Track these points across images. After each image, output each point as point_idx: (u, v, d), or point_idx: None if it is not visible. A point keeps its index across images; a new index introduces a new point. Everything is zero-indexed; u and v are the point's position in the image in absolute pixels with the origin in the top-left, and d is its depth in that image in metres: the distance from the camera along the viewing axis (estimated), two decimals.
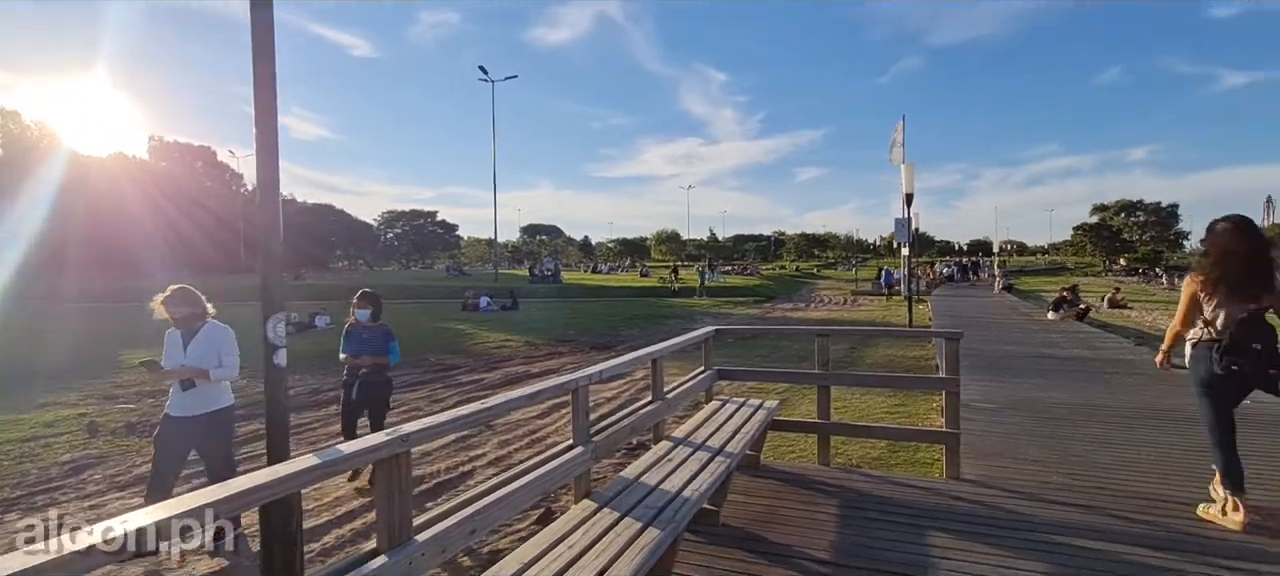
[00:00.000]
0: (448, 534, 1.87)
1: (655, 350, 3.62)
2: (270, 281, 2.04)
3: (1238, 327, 3.12)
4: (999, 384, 7.01)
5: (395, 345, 5.07)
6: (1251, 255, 3.14)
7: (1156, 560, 2.90)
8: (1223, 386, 3.20)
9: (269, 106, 1.97)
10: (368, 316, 4.96)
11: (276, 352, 2.00)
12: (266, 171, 1.99)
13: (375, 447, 1.64)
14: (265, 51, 1.95)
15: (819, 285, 42.50)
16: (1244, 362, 3.09)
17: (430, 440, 2.08)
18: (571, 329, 16.99)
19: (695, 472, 2.97)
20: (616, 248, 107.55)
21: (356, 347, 4.91)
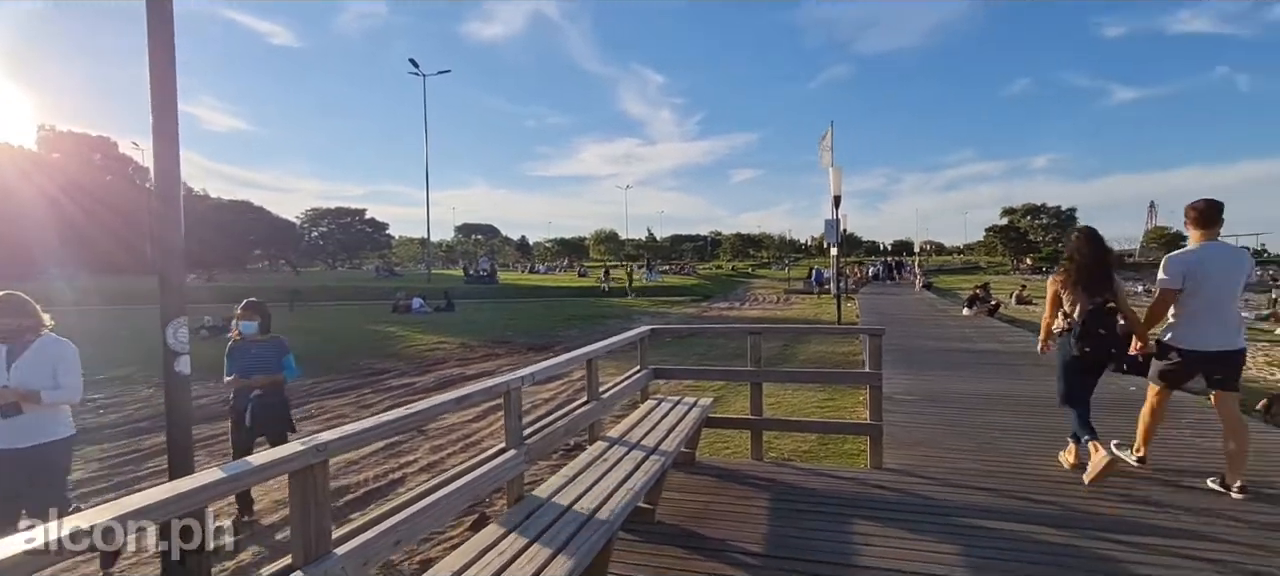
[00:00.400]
0: (370, 545, 1.79)
1: (590, 350, 3.61)
2: (170, 282, 1.89)
3: (1088, 317, 3.79)
4: (919, 377, 7.39)
5: (290, 359, 4.50)
6: (1096, 260, 3.84)
7: (1056, 537, 3.13)
8: (1078, 365, 3.90)
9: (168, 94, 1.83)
10: (255, 329, 4.35)
11: (178, 359, 1.86)
12: (165, 161, 1.85)
13: (289, 458, 1.55)
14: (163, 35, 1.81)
15: (754, 284, 43.54)
16: (1094, 345, 3.77)
17: (351, 449, 1.99)
18: (508, 330, 16.70)
19: (630, 472, 2.98)
20: (554, 247, 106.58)
21: (245, 366, 4.28)
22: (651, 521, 3.31)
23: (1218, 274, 3.66)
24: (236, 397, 4.30)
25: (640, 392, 4.59)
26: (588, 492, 2.67)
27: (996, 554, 2.97)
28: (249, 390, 4.24)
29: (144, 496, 1.34)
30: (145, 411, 7.57)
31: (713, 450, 5.44)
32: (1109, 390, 4.46)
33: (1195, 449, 4.50)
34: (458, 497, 2.17)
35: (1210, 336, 3.66)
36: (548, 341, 14.31)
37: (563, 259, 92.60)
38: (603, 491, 2.68)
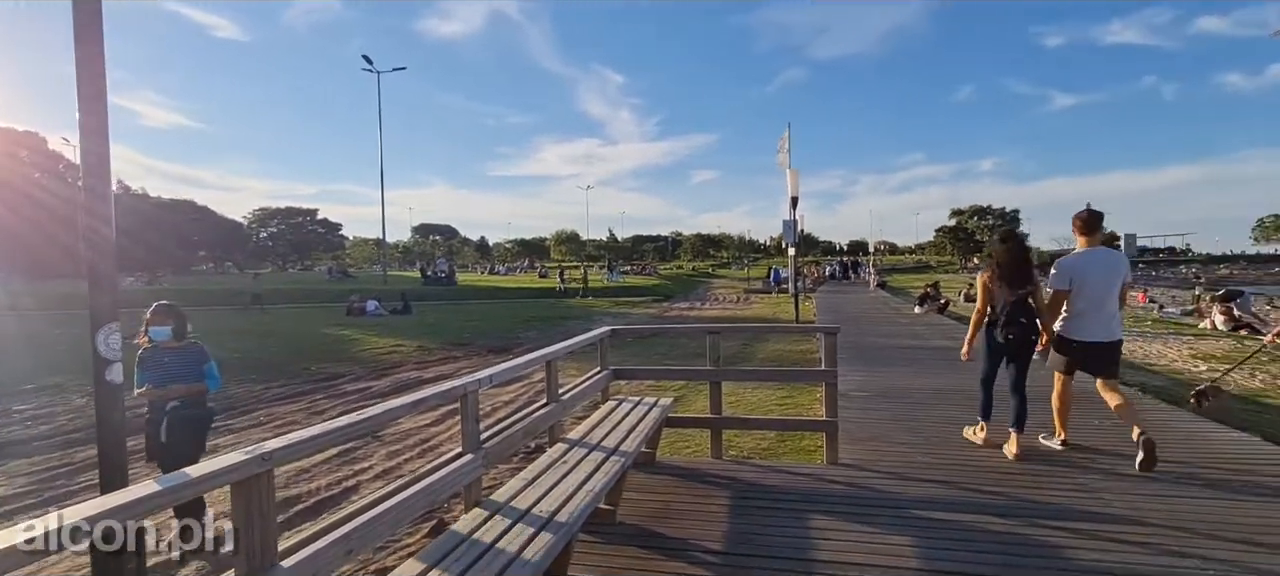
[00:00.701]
0: (320, 556, 1.74)
1: (550, 352, 3.58)
2: (102, 284, 1.79)
3: (1011, 308, 4.26)
4: (873, 374, 7.59)
5: (212, 367, 4.03)
6: (1018, 258, 4.34)
7: (1001, 526, 3.26)
8: (1001, 351, 4.39)
9: (96, 85, 1.73)
10: (169, 334, 3.86)
11: (109, 367, 1.76)
12: (94, 156, 1.75)
13: (231, 468, 1.49)
14: (90, 23, 1.72)
15: (714, 284, 44.00)
16: (1016, 332, 4.27)
17: (298, 457, 1.92)
18: (467, 332, 16.44)
19: (590, 473, 2.97)
20: (515, 248, 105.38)
21: (159, 376, 3.80)
22: (612, 522, 3.30)
23: (1098, 276, 4.15)
24: (151, 410, 3.90)
25: (601, 393, 4.58)
26: (547, 495, 2.65)
27: (946, 544, 3.07)
28: (165, 402, 3.79)
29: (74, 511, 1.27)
30: (79, 422, 7.17)
31: (674, 449, 5.47)
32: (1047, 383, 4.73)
33: (1127, 438, 4.74)
34: (412, 504, 2.12)
35: (1094, 330, 4.17)
36: (508, 343, 14.15)
37: (523, 260, 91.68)
38: (562, 493, 2.67)
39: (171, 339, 3.89)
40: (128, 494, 1.35)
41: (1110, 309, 4.19)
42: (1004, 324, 4.28)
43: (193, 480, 1.43)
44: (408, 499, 2.09)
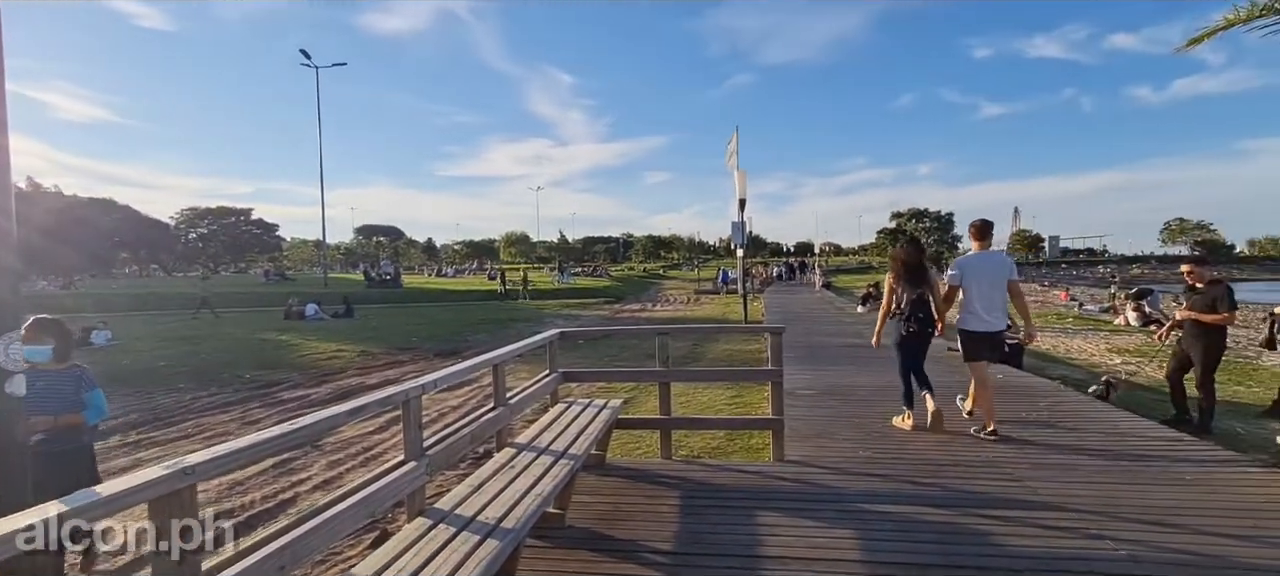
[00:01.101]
0: (249, 573, 1.65)
1: (497, 355, 3.52)
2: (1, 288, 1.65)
3: (912, 305, 4.91)
4: (818, 372, 7.79)
5: (97, 396, 3.42)
6: (916, 261, 5.00)
7: (938, 515, 3.39)
8: (907, 343, 4.99)
9: None
10: (49, 355, 3.28)
11: (10, 379, 1.63)
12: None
13: (149, 484, 1.40)
14: None
15: (665, 285, 44.27)
16: (917, 325, 4.90)
17: (225, 470, 1.82)
18: (414, 336, 16.00)
19: (538, 477, 2.93)
20: (463, 250, 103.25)
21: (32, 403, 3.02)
22: (561, 526, 3.27)
23: (986, 274, 4.83)
24: None
25: (550, 396, 4.54)
26: (494, 501, 2.60)
27: (887, 535, 3.18)
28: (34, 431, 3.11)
29: None
30: None
31: (624, 451, 5.47)
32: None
33: (1052, 429, 5.02)
34: (350, 515, 2.04)
35: (981, 319, 4.83)
36: (457, 347, 13.84)
37: (472, 261, 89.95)
38: (509, 498, 2.62)
39: (52, 360, 3.31)
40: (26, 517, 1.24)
41: (997, 302, 4.86)
42: (906, 317, 4.95)
43: (102, 499, 1.33)
44: (345, 510, 2.01)
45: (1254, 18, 3.39)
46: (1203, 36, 3.53)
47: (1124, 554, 2.90)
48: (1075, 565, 2.82)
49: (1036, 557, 2.90)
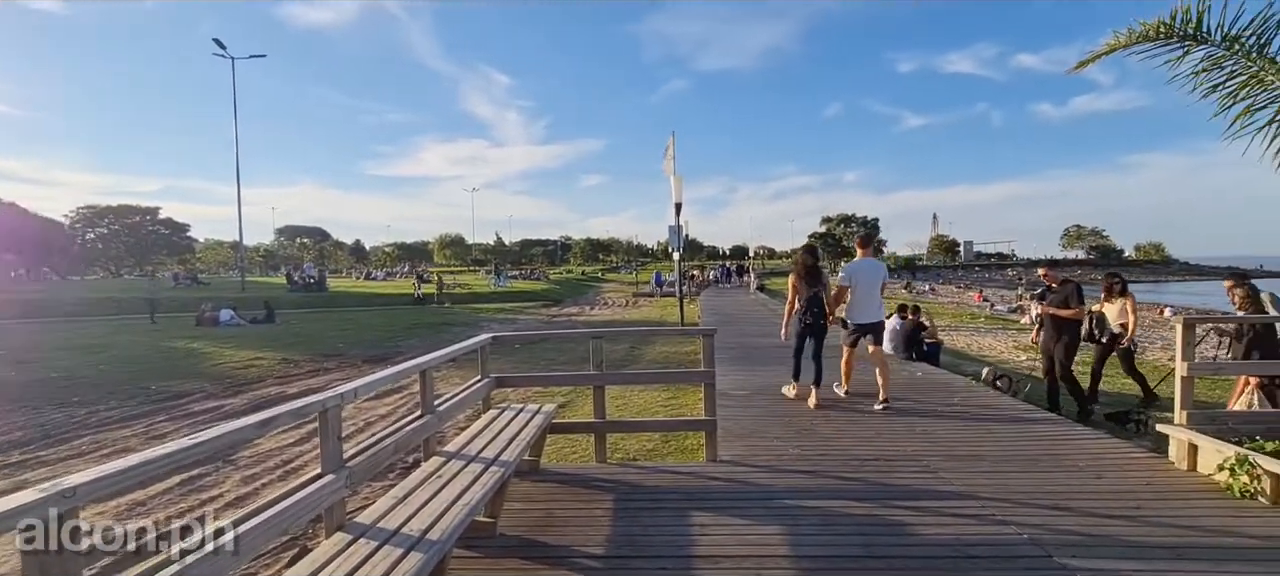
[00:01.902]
0: None
1: (425, 361, 3.41)
2: None
3: (808, 302, 6.00)
4: (752, 372, 7.97)
5: None
6: (812, 265, 6.12)
7: (859, 509, 3.54)
8: (802, 334, 6.11)
9: None
10: None
11: None
12: None
13: (19, 510, 1.27)
14: None
15: (604, 288, 44.22)
16: (812, 318, 6.01)
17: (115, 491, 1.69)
18: (341, 342, 15.31)
19: (468, 485, 2.86)
20: (394, 252, 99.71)
21: None
22: (492, 535, 3.21)
23: (867, 277, 5.95)
24: None
25: (482, 402, 4.44)
26: (419, 512, 2.52)
27: (813, 529, 3.29)
28: None
29: None
30: None
31: (559, 455, 5.42)
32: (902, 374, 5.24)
33: (965, 423, 5.34)
34: (258, 535, 1.92)
35: (865, 314, 5.93)
36: (386, 353, 13.34)
37: (402, 264, 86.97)
38: (436, 509, 2.55)
39: None
40: None
41: (875, 299, 5.99)
42: (804, 311, 6.05)
43: None
44: (254, 529, 1.89)
45: (1134, 43, 3.72)
46: (1091, 59, 3.85)
47: (1025, 537, 3.11)
48: (982, 550, 3.00)
49: (948, 544, 3.07)
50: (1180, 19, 3.51)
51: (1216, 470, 3.71)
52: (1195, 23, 3.49)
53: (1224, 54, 3.49)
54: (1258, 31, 3.37)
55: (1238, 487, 3.52)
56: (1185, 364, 4.18)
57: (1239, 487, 3.52)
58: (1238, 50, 3.45)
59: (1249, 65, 3.47)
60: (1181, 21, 3.51)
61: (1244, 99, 3.53)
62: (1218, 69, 3.57)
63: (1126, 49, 3.71)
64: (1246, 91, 3.52)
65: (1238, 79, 3.54)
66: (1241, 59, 3.46)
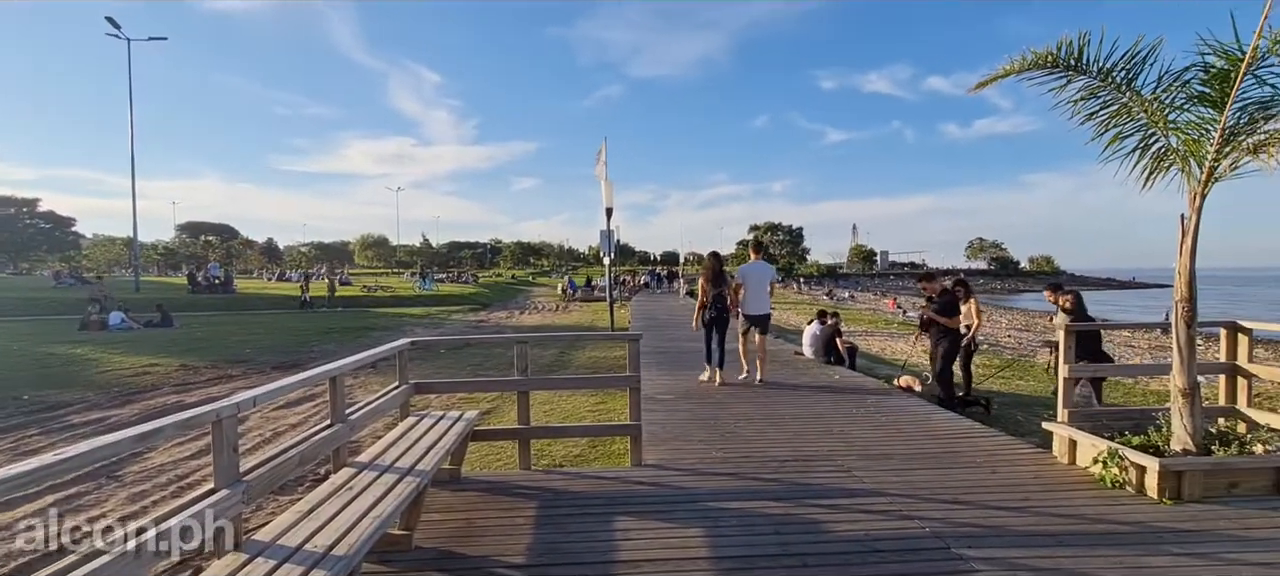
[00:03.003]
0: None
1: (335, 367, 3.24)
2: None
3: (714, 299, 7.53)
4: (679, 376, 8.08)
5: None
6: (717, 270, 7.68)
7: (777, 509, 3.65)
8: (710, 325, 7.59)
9: None
10: None
11: None
12: None
13: None
14: None
15: (535, 292, 43.62)
16: (716, 313, 7.50)
17: None
18: (248, 347, 14.35)
19: (380, 497, 2.74)
20: (311, 252, 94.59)
21: None
22: (407, 548, 3.08)
23: (755, 277, 7.48)
24: None
25: (399, 410, 4.28)
26: (325, 527, 2.39)
27: (733, 529, 3.36)
28: None
29: None
30: None
31: (483, 463, 5.29)
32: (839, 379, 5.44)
33: (877, 423, 5.61)
34: (136, 559, 1.76)
35: (753, 307, 7.44)
36: (298, 359, 12.60)
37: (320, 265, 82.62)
38: (343, 523, 2.43)
39: None
40: None
41: (763, 295, 7.48)
42: (710, 306, 7.55)
43: None
44: (132, 551, 1.73)
45: (1025, 70, 4.05)
46: (988, 80, 4.15)
47: (928, 531, 3.30)
48: (888, 544, 3.16)
49: (858, 540, 3.21)
50: (1064, 50, 3.85)
51: (1092, 463, 4.07)
52: (1077, 54, 3.84)
53: (1099, 84, 3.86)
54: (1127, 66, 3.75)
55: (1109, 478, 3.88)
56: (1067, 367, 4.57)
57: (1110, 478, 3.87)
58: (1110, 82, 3.83)
59: (1119, 96, 3.85)
60: (1065, 52, 3.85)
61: (1115, 126, 3.92)
62: (1094, 98, 3.94)
63: (1019, 74, 4.03)
64: (1117, 120, 3.91)
65: (1110, 108, 3.93)
66: (1113, 90, 3.85)
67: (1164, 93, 3.77)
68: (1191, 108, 3.71)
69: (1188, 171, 3.72)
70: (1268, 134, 3.49)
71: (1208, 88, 3.58)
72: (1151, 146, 3.90)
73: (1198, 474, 3.66)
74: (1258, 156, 3.53)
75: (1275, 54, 3.35)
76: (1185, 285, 3.81)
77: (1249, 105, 3.51)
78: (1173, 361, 3.93)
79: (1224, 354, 4.81)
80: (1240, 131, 3.52)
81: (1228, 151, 3.55)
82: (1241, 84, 3.39)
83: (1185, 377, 3.84)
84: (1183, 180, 3.78)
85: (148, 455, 5.96)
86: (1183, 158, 3.73)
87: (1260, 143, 3.50)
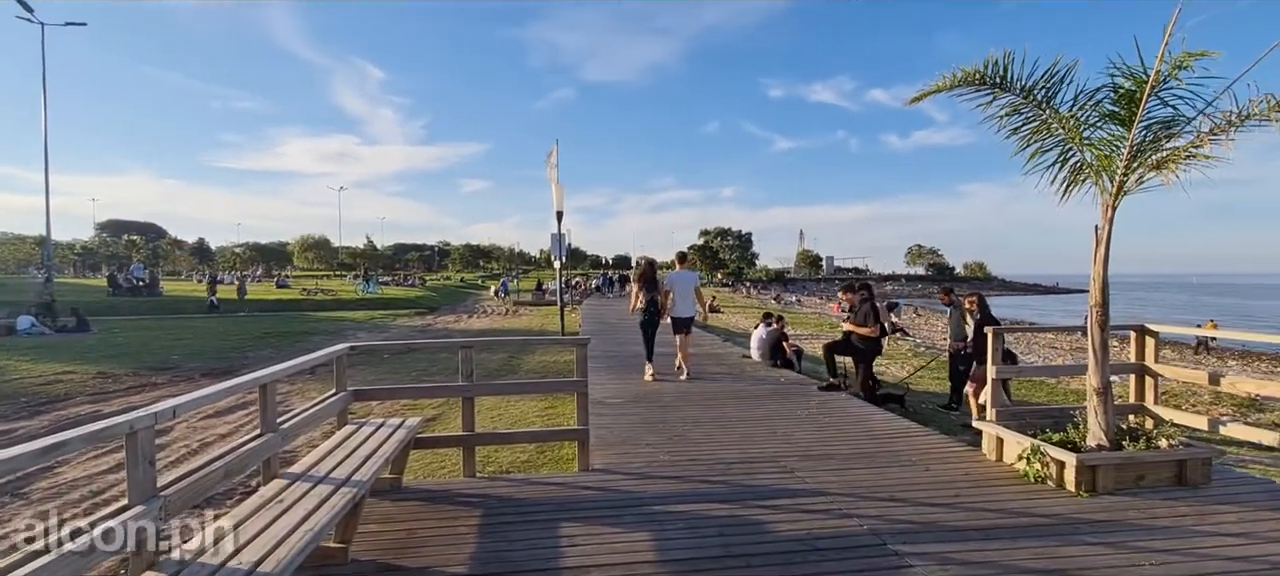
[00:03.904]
0: None
1: (265, 374, 3.10)
2: None
3: (648, 301, 8.39)
4: (627, 381, 8.09)
5: None
6: (650, 273, 8.68)
7: (723, 510, 3.69)
8: (645, 325, 8.45)
9: None
10: None
11: None
12: None
13: None
14: None
15: (484, 296, 42.82)
16: (649, 315, 8.38)
17: None
18: (175, 353, 13.58)
19: (313, 509, 2.63)
20: (246, 253, 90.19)
21: None
22: (342, 562, 2.97)
23: (682, 284, 8.35)
24: None
25: (337, 418, 4.13)
26: (252, 542, 2.28)
27: (678, 533, 3.38)
28: None
29: None
30: None
31: (427, 471, 5.16)
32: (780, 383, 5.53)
33: (819, 424, 5.76)
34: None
35: (680, 310, 8.32)
36: (231, 365, 12.01)
37: (255, 267, 78.94)
38: (273, 537, 2.32)
39: None
40: None
41: (689, 299, 8.40)
42: (644, 309, 8.42)
43: None
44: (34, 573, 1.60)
45: (956, 86, 4.25)
46: (923, 95, 4.35)
47: (865, 529, 3.41)
48: (828, 542, 3.25)
49: (800, 539, 3.29)
50: (990, 68, 4.07)
51: (1017, 459, 4.29)
52: (1002, 73, 4.06)
53: (1022, 101, 4.10)
54: (1047, 85, 4.00)
55: (1033, 474, 4.10)
56: (995, 368, 4.81)
57: (1034, 474, 4.10)
58: (1032, 100, 4.07)
59: (1040, 113, 4.10)
60: (991, 71, 4.07)
61: (1036, 141, 4.17)
62: (1018, 114, 4.19)
63: (950, 90, 4.23)
64: (1038, 135, 4.16)
65: (1032, 124, 4.18)
66: (1034, 107, 4.09)
67: (1080, 111, 4.03)
68: (1104, 126, 3.98)
69: (1101, 185, 3.99)
70: (1169, 151, 3.78)
71: (1117, 107, 3.85)
72: (1069, 161, 4.16)
73: (1110, 468, 3.91)
74: (1160, 172, 3.82)
75: (1175, 78, 3.63)
76: (1099, 291, 4.08)
77: (1154, 124, 3.79)
78: (1089, 362, 4.19)
79: (1134, 355, 5.15)
80: (1146, 149, 3.80)
81: (1135, 167, 3.83)
82: (1147, 105, 3.67)
83: (1099, 377, 4.11)
84: (1097, 193, 4.04)
85: (58, 470, 5.56)
86: (1096, 172, 4.00)
87: (1163, 159, 3.79)
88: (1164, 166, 3.77)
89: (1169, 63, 3.60)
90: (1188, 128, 3.77)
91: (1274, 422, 7.63)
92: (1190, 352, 20.06)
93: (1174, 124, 3.77)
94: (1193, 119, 3.75)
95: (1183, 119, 3.77)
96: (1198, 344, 20.19)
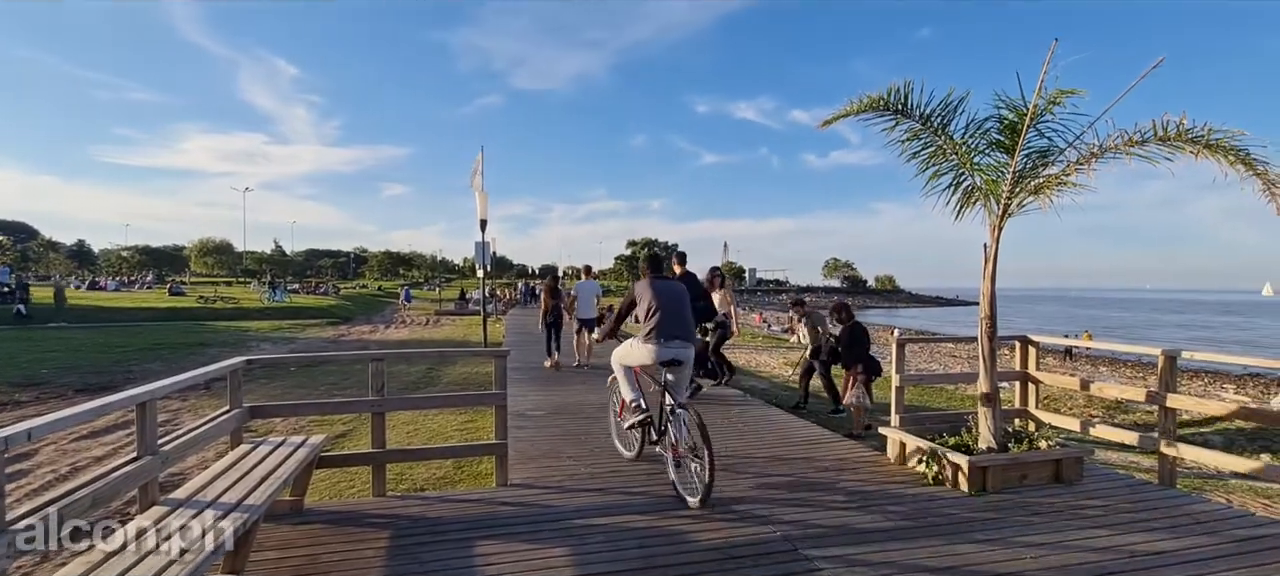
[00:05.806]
0: None
1: (143, 392, 2.83)
2: None
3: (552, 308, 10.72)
4: (550, 392, 7.99)
5: None
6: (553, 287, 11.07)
7: (643, 521, 3.70)
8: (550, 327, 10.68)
9: None
10: None
11: None
12: None
13: None
14: None
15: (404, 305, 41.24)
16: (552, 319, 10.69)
17: None
18: (46, 367, 12.22)
19: (197, 538, 2.43)
20: (135, 257, 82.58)
21: None
22: None
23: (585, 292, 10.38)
24: None
25: (230, 437, 3.83)
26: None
27: (599, 546, 3.35)
28: None
29: None
30: None
31: (334, 491, 4.89)
32: None
33: (739, 433, 5.90)
34: None
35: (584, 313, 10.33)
36: (112, 380, 10.92)
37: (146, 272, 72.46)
38: (146, 572, 2.12)
39: None
40: None
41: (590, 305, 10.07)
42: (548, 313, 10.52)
43: None
44: None
45: (863, 110, 4.51)
46: (833, 118, 4.60)
47: (779, 535, 3.51)
48: (744, 550, 3.32)
49: (718, 548, 3.34)
50: (893, 95, 4.34)
51: (917, 463, 4.56)
52: (903, 100, 4.35)
53: (921, 127, 4.41)
54: (942, 113, 4.32)
55: (932, 476, 4.37)
56: (898, 376, 5.10)
57: (933, 475, 4.36)
58: (929, 126, 4.38)
59: (936, 139, 4.42)
60: (894, 98, 4.34)
61: (933, 165, 4.49)
62: (917, 139, 4.49)
63: (859, 114, 4.48)
64: (935, 159, 4.48)
65: (929, 149, 4.49)
66: (931, 133, 4.41)
67: (970, 138, 4.37)
68: (991, 153, 4.33)
69: (989, 207, 4.33)
70: (1045, 178, 4.16)
71: (1002, 137, 4.20)
72: (962, 184, 4.49)
73: (998, 468, 4.23)
74: (1038, 197, 4.20)
75: (1050, 112, 4.01)
76: (988, 304, 4.42)
77: (1033, 153, 4.17)
78: (979, 370, 4.52)
79: (1018, 363, 5.61)
80: (1027, 175, 4.17)
81: (1017, 192, 4.19)
82: (1026, 135, 4.02)
83: (989, 384, 4.44)
84: (985, 214, 4.39)
85: None
86: (985, 195, 4.34)
87: (1040, 185, 4.16)
88: (1042, 191, 4.15)
89: (1045, 98, 3.97)
90: (1061, 157, 4.17)
91: (1134, 422, 8.50)
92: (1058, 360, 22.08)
93: (1050, 153, 4.15)
94: (1064, 149, 4.15)
95: (1057, 149, 4.16)
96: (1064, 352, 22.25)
